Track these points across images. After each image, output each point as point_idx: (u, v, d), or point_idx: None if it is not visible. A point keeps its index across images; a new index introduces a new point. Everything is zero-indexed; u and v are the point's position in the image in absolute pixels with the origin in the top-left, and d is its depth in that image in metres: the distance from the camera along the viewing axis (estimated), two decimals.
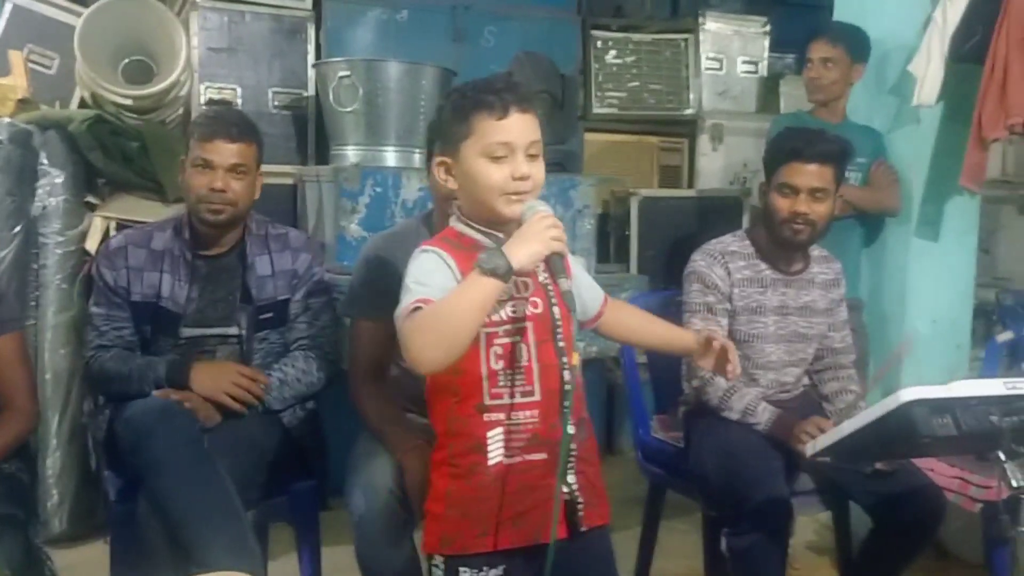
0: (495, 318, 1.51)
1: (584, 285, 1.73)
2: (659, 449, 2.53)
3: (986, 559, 2.35)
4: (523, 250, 1.44)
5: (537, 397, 1.55)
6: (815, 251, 2.38)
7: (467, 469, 1.55)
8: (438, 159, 1.58)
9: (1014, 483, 1.60)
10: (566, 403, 1.50)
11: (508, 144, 1.50)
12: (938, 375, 2.95)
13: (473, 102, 1.51)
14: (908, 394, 1.57)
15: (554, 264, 1.49)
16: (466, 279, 1.44)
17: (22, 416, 2.01)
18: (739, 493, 2.06)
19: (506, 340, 1.54)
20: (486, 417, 1.54)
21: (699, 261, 2.31)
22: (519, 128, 1.51)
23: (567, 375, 1.52)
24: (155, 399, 2.04)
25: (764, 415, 2.19)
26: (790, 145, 2.25)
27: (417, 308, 1.44)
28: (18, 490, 1.96)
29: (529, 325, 1.55)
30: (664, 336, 1.84)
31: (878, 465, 2.08)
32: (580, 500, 1.57)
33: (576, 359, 1.52)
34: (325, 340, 2.28)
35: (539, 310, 1.56)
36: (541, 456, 1.55)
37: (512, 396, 1.54)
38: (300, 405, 2.26)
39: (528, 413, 1.55)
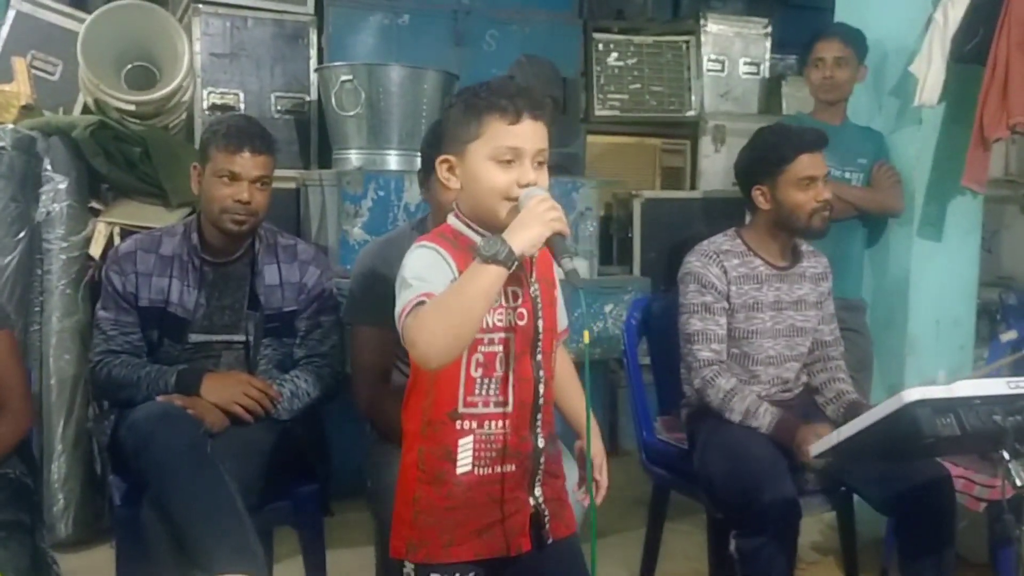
0: (484, 324, 1.49)
1: (560, 302, 1.70)
2: (663, 451, 2.53)
3: (991, 559, 2.35)
4: (523, 234, 1.42)
5: (510, 409, 1.54)
6: (803, 245, 2.39)
7: (435, 476, 1.54)
8: (442, 157, 1.57)
9: (1018, 482, 1.60)
10: (538, 416, 1.51)
11: (517, 149, 1.49)
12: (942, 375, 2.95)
13: (487, 103, 1.50)
14: (911, 395, 1.58)
15: (556, 245, 1.46)
16: (468, 269, 1.42)
17: (16, 417, 2.00)
18: (746, 494, 2.06)
19: (489, 349, 1.53)
20: (458, 425, 1.53)
21: (694, 262, 2.32)
22: (530, 135, 1.50)
23: (541, 389, 1.53)
24: (159, 404, 2.05)
25: (766, 417, 2.19)
26: (793, 140, 2.26)
27: (420, 303, 1.42)
28: (23, 495, 1.97)
29: (511, 336, 1.53)
30: (570, 404, 1.74)
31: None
32: (546, 513, 1.58)
33: (586, 337, 1.48)
34: (335, 356, 2.30)
35: (524, 322, 1.55)
36: (511, 468, 1.55)
37: (486, 405, 1.53)
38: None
39: (499, 424, 1.54)
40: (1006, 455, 1.61)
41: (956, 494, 2.18)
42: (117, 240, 2.84)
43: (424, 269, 1.47)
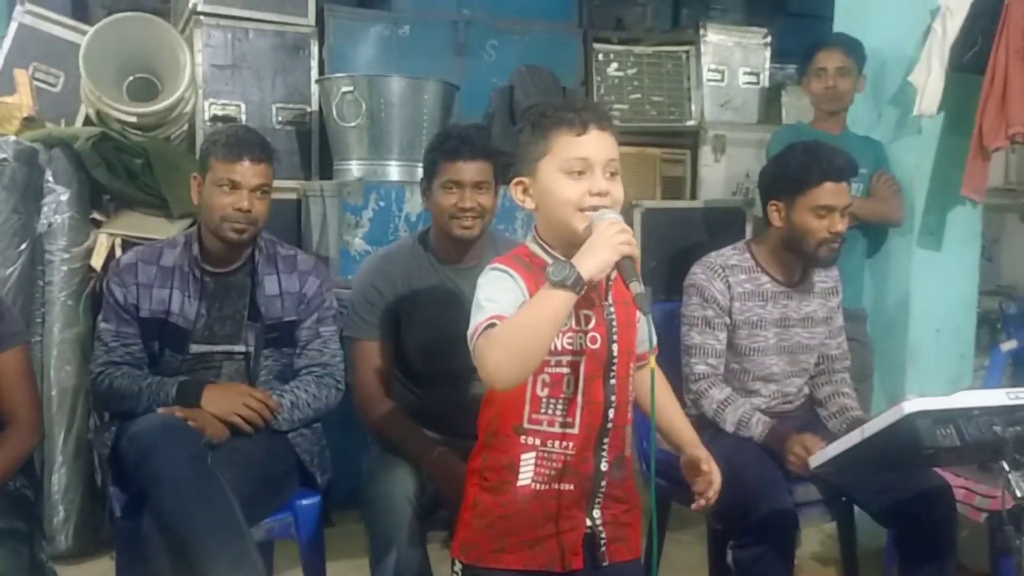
0: (552, 347, 1.49)
1: (645, 321, 1.70)
2: (663, 461, 2.51)
3: (993, 569, 2.34)
4: (592, 259, 1.43)
5: (576, 430, 1.55)
6: None
7: (496, 484, 1.57)
8: (516, 180, 1.58)
9: (1018, 493, 1.60)
10: (604, 440, 1.52)
11: (586, 160, 1.50)
12: (942, 385, 2.95)
13: (553, 120, 1.52)
14: (911, 405, 1.58)
15: (625, 269, 1.46)
16: (537, 294, 1.44)
17: (27, 431, 2.01)
18: (743, 505, 2.05)
19: (556, 370, 1.53)
20: (522, 439, 1.55)
21: (699, 274, 2.31)
22: (597, 145, 1.51)
23: (611, 413, 1.54)
24: (159, 415, 2.05)
25: (757, 428, 2.19)
26: (823, 165, 2.20)
27: (491, 325, 1.43)
28: (23, 506, 1.96)
29: (581, 359, 1.54)
30: (669, 423, 1.78)
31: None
32: (603, 535, 1.58)
33: (652, 363, 1.48)
34: (335, 367, 2.30)
35: (597, 346, 1.55)
36: (569, 487, 1.56)
37: (551, 425, 1.55)
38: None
39: (564, 444, 1.55)
40: (1006, 466, 1.60)
41: (957, 504, 2.18)
42: (119, 251, 2.84)
43: (496, 292, 1.49)
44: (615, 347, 1.55)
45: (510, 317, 1.44)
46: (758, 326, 2.30)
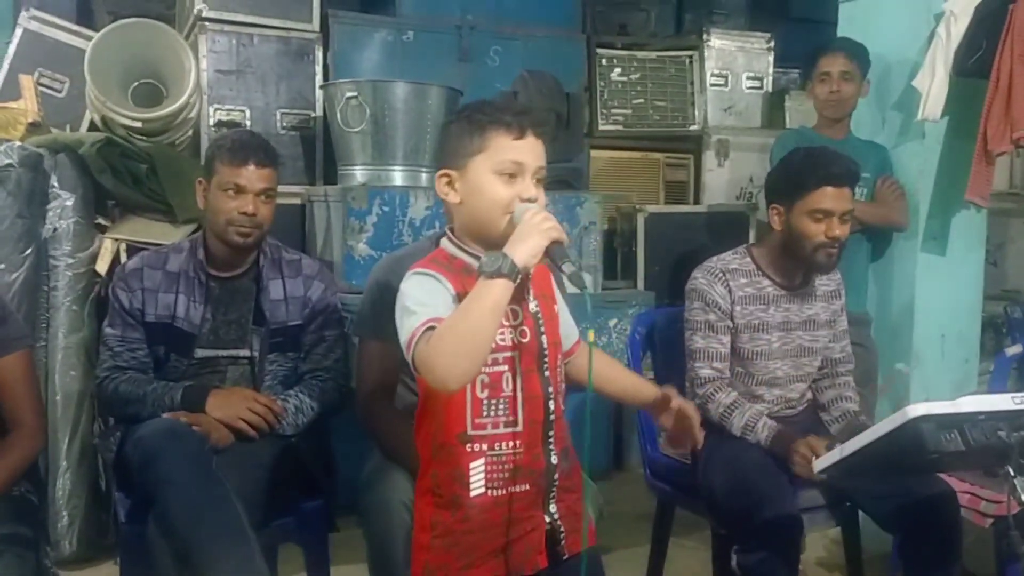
0: None
1: (565, 317, 1.71)
2: (667, 466, 2.53)
3: (998, 575, 2.33)
4: (523, 246, 1.43)
5: (520, 428, 1.55)
6: None
7: (451, 500, 1.54)
8: (441, 171, 1.59)
9: None
10: (550, 433, 1.51)
11: (521, 164, 1.51)
12: (947, 390, 2.94)
13: (492, 119, 1.52)
14: (916, 410, 1.57)
15: (556, 253, 1.47)
16: (474, 289, 1.43)
17: (31, 436, 2.01)
18: (748, 510, 2.05)
19: (494, 369, 1.53)
20: (468, 447, 1.53)
21: (700, 279, 2.31)
22: (532, 151, 1.53)
23: (551, 405, 1.53)
24: (164, 420, 2.06)
25: (764, 432, 2.19)
26: (820, 170, 2.20)
27: (430, 328, 1.42)
28: (27, 511, 1.97)
29: (515, 355, 1.54)
30: (627, 387, 1.80)
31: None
32: (562, 529, 1.59)
33: (591, 336, 1.49)
34: (339, 371, 2.30)
35: (527, 339, 1.56)
36: (524, 488, 1.55)
37: (496, 427, 1.54)
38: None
39: (510, 444, 1.54)
40: (1011, 471, 1.60)
41: (962, 509, 2.17)
42: (123, 256, 2.85)
43: (425, 295, 1.48)
44: (544, 339, 1.56)
45: (451, 316, 1.43)
46: (760, 330, 2.30)
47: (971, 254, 3.10)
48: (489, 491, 1.54)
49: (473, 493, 1.53)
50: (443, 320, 1.42)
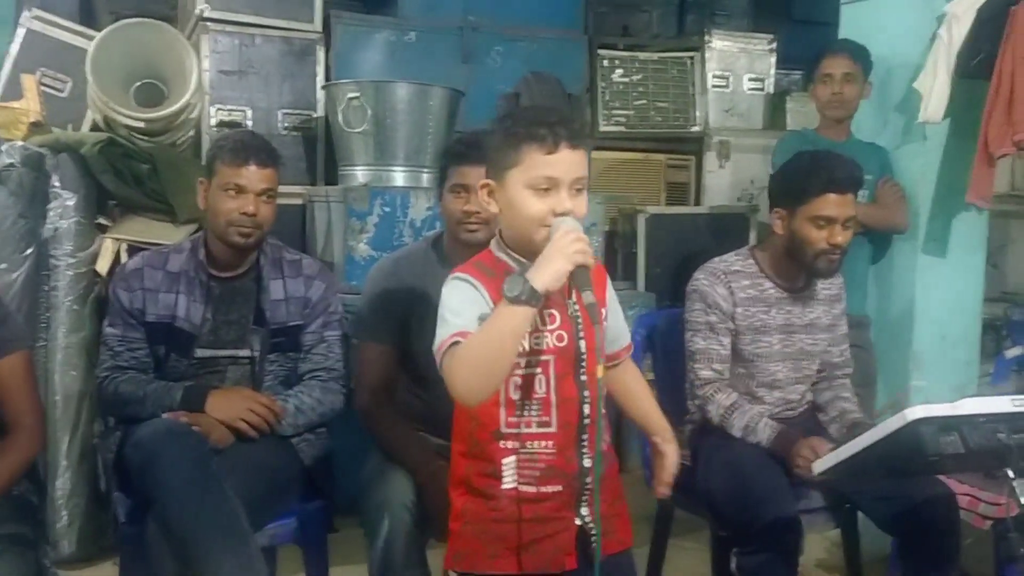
0: (520, 348, 1.51)
1: (618, 320, 1.74)
2: None
3: None
4: (546, 270, 1.44)
5: (554, 429, 1.56)
6: None
7: (482, 489, 1.58)
8: (483, 181, 1.59)
9: (1023, 500, 1.59)
10: (583, 436, 1.52)
11: (553, 179, 1.51)
12: (947, 392, 2.94)
13: (525, 132, 1.52)
14: (915, 412, 1.57)
15: (578, 277, 1.47)
16: (495, 310, 1.45)
17: (29, 437, 2.00)
18: (748, 511, 2.05)
19: (527, 372, 1.55)
20: (502, 444, 1.57)
21: (702, 280, 2.31)
22: (567, 164, 1.51)
23: (587, 409, 1.54)
24: (164, 420, 2.06)
25: (764, 432, 2.19)
26: (824, 176, 2.19)
27: (455, 343, 1.45)
28: (27, 511, 1.97)
29: (550, 358, 1.56)
30: (638, 413, 1.83)
31: None
32: (593, 532, 1.58)
33: (600, 372, 1.50)
34: (339, 372, 2.30)
35: (563, 343, 1.57)
36: (556, 488, 1.57)
37: (528, 426, 1.56)
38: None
39: (543, 444, 1.56)
40: (1011, 473, 1.60)
41: (961, 511, 2.18)
42: (124, 256, 2.85)
43: (459, 303, 1.51)
44: (582, 344, 1.57)
45: (474, 335, 1.46)
46: (762, 332, 2.30)
47: (972, 256, 3.10)
48: (520, 486, 1.56)
49: (505, 486, 1.56)
50: (468, 335, 1.45)
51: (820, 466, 1.87)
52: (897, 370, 3.02)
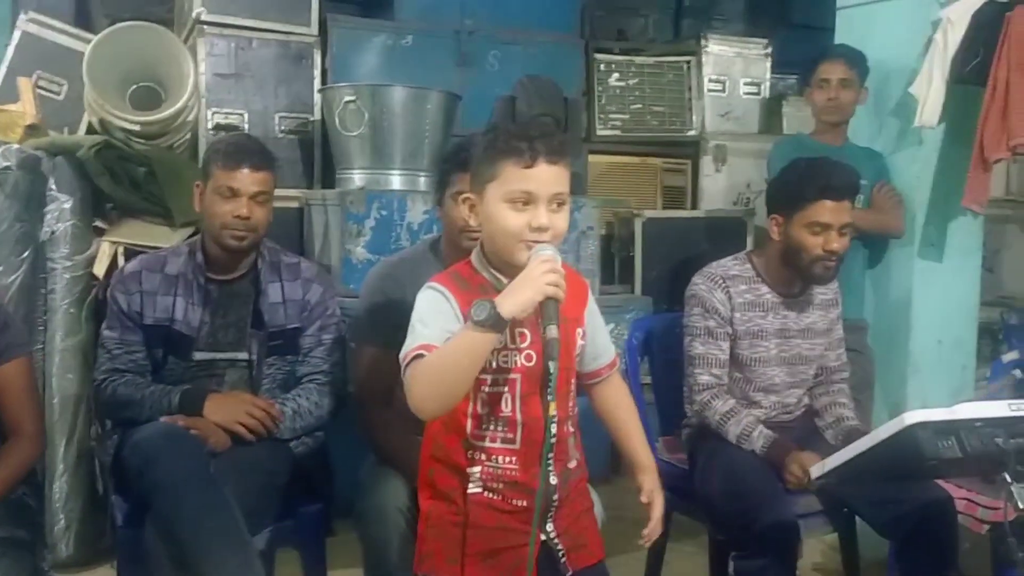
0: (486, 365, 1.51)
1: (600, 337, 1.73)
2: (665, 471, 2.50)
3: None
4: (514, 298, 1.43)
5: (517, 446, 1.56)
6: None
7: (447, 492, 1.59)
8: (464, 194, 1.60)
9: (1021, 505, 1.60)
10: (549, 455, 1.49)
11: (531, 193, 1.50)
12: (943, 396, 2.95)
13: (504, 147, 1.51)
14: (912, 417, 1.58)
15: (547, 309, 1.45)
16: (461, 331, 1.46)
17: (30, 442, 2.01)
18: (745, 516, 2.06)
19: (493, 389, 1.56)
20: (468, 453, 1.57)
21: (700, 284, 2.31)
22: (545, 179, 1.50)
23: (552, 429, 1.51)
24: (162, 424, 2.06)
25: (759, 440, 2.19)
26: (820, 182, 2.19)
27: (418, 356, 1.47)
28: (24, 514, 1.97)
29: (516, 377, 1.55)
30: (626, 442, 1.77)
31: None
32: (560, 547, 1.59)
33: (552, 409, 1.46)
34: (337, 375, 2.30)
35: (532, 363, 1.56)
36: (522, 503, 1.56)
37: (494, 441, 1.57)
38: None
39: (508, 459, 1.57)
40: (1008, 478, 1.60)
41: (959, 516, 2.18)
42: (121, 259, 2.84)
43: (428, 315, 1.52)
44: (551, 364, 1.50)
45: (435, 352, 1.46)
46: (759, 336, 2.31)
47: (968, 260, 3.11)
48: (486, 493, 1.57)
49: (471, 490, 1.56)
50: (433, 348, 1.46)
51: (818, 471, 1.88)
52: (894, 374, 3.03)
